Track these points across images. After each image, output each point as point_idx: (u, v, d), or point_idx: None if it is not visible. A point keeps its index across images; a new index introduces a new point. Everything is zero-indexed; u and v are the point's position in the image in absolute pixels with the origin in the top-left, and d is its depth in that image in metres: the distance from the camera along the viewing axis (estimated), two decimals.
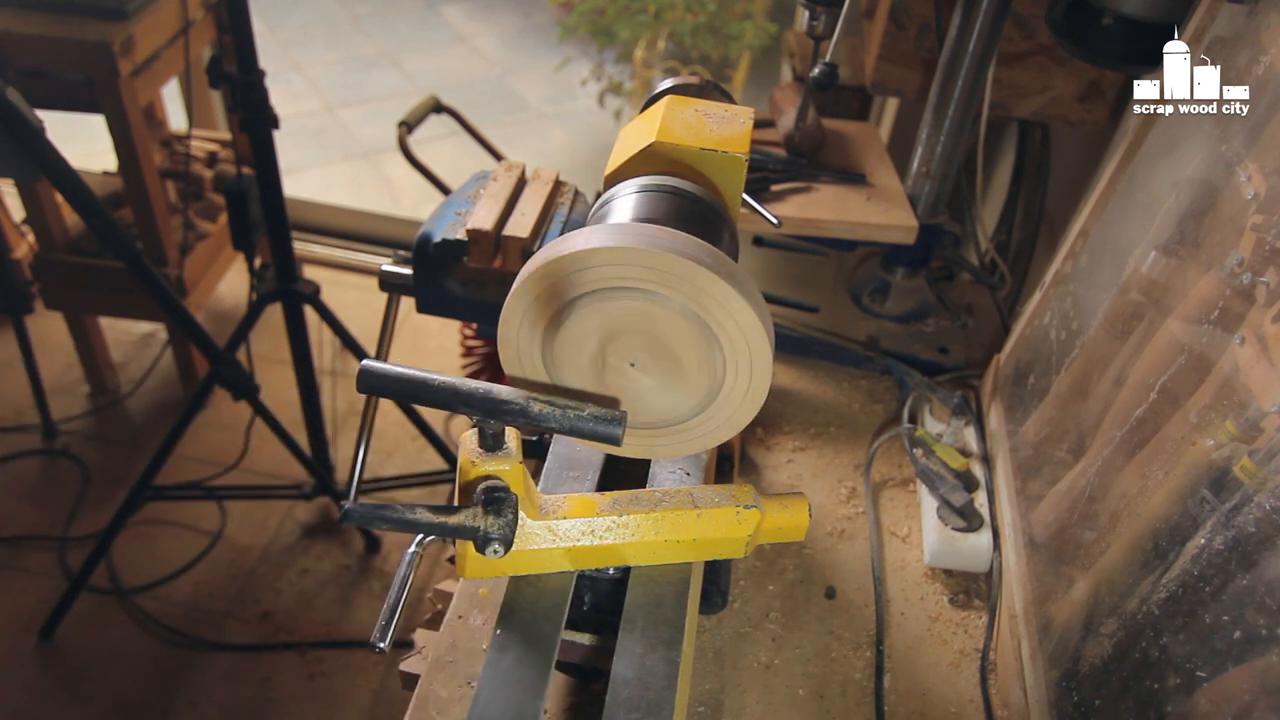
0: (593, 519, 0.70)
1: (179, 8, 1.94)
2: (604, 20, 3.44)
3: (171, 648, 1.92)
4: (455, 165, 2.92)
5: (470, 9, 4.67)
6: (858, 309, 1.26)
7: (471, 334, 1.91)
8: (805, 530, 0.74)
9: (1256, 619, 0.54)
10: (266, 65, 1.55)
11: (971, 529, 0.93)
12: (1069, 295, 0.96)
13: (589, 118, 3.88)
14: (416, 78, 4.09)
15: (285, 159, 1.71)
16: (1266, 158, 0.68)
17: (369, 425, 1.76)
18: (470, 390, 0.61)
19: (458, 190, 1.19)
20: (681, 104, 0.77)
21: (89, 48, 1.73)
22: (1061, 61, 1.24)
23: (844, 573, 0.94)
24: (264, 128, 1.59)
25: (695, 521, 0.71)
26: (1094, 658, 0.70)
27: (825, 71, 1.02)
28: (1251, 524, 0.56)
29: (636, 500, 0.71)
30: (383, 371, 0.62)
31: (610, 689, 0.64)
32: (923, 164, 1.17)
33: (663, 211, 0.68)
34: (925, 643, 0.88)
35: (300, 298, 1.83)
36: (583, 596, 0.74)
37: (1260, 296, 0.64)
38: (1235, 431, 0.61)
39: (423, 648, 0.80)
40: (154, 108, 2.38)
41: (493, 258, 1.10)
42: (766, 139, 1.24)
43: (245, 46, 1.50)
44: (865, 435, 1.11)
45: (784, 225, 1.07)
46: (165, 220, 2.05)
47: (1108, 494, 0.76)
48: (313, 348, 1.92)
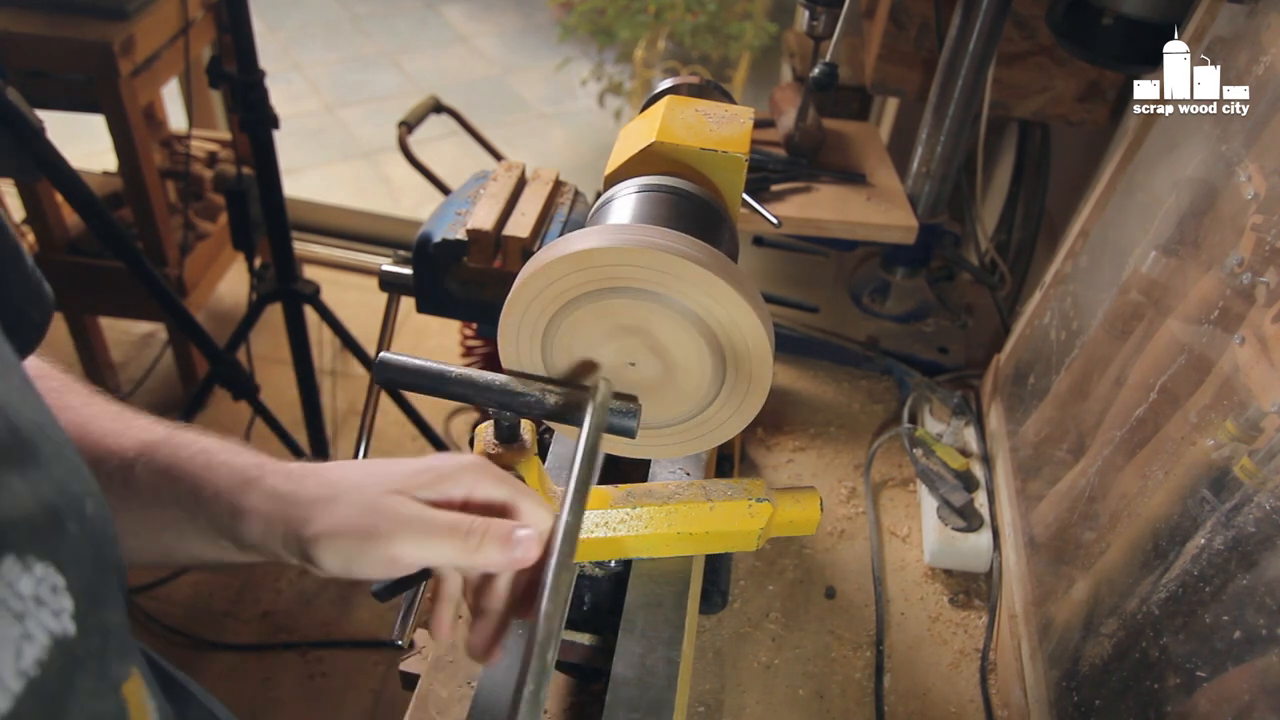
0: (607, 511, 0.71)
1: (179, 8, 1.93)
2: (604, 20, 3.44)
3: (171, 648, 1.92)
4: (455, 165, 2.91)
5: (470, 9, 4.67)
6: (858, 309, 1.26)
7: (471, 334, 1.91)
8: (816, 524, 0.75)
9: (1256, 619, 0.54)
10: (266, 65, 1.55)
11: (971, 529, 0.93)
12: (1069, 295, 0.96)
13: (589, 118, 3.88)
14: (416, 78, 4.09)
15: (285, 159, 1.71)
16: (1266, 158, 0.68)
17: (369, 425, 1.76)
18: (487, 382, 0.62)
19: (458, 190, 1.19)
20: (681, 104, 0.77)
21: (89, 48, 1.72)
22: (1061, 61, 1.24)
23: (844, 573, 0.94)
24: (264, 128, 1.59)
25: (708, 515, 0.71)
26: (1094, 658, 0.70)
27: (825, 71, 1.02)
28: (1251, 524, 0.56)
29: (650, 493, 0.72)
30: (401, 363, 0.62)
31: (610, 689, 0.64)
32: (923, 164, 1.17)
33: (663, 211, 0.68)
34: (925, 643, 0.88)
35: (300, 298, 1.83)
36: (583, 596, 0.74)
37: (1260, 296, 0.64)
38: (1235, 431, 0.61)
39: (423, 648, 0.80)
40: (154, 108, 2.37)
41: (493, 258, 1.10)
42: (766, 139, 1.24)
43: (245, 46, 1.50)
44: (865, 435, 1.11)
45: (784, 225, 1.07)
46: (165, 220, 2.05)
47: (1108, 494, 0.76)
48: (313, 348, 1.92)
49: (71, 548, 0.43)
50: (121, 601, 0.50)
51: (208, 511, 0.55)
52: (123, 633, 0.49)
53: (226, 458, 0.57)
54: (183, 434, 0.59)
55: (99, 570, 0.46)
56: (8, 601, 0.38)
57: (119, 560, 0.50)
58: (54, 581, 0.41)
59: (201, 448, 0.58)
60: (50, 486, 0.43)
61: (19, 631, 0.39)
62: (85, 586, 0.44)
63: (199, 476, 0.56)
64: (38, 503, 0.42)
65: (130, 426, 0.60)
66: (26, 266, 0.58)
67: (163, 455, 0.57)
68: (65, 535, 0.43)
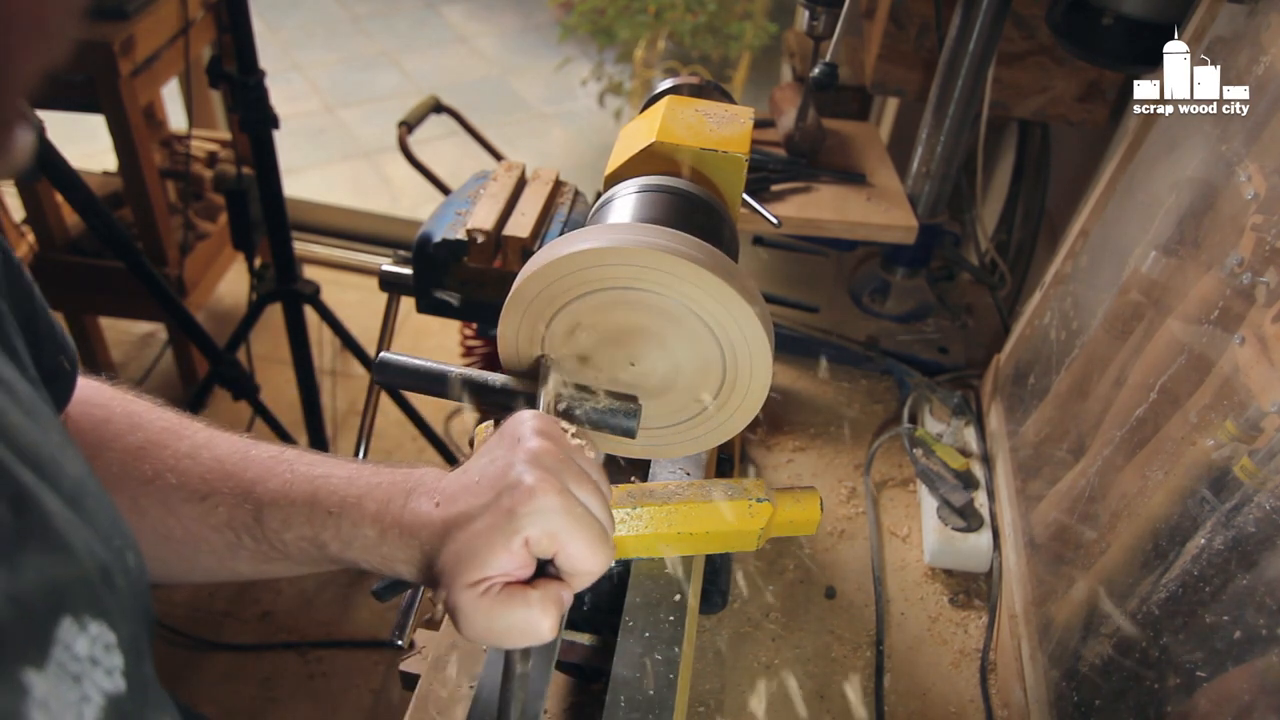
0: None
1: (179, 8, 1.94)
2: (604, 20, 3.44)
3: (171, 648, 1.92)
4: (455, 165, 2.91)
5: (470, 9, 4.67)
6: (858, 309, 1.26)
7: (471, 334, 1.91)
8: (817, 524, 0.75)
9: (1256, 619, 0.54)
10: (266, 65, 1.55)
11: (971, 529, 0.93)
12: (1069, 295, 0.96)
13: (589, 118, 3.88)
14: (416, 78, 4.09)
15: (285, 159, 1.71)
16: (1266, 158, 0.68)
17: (369, 425, 1.76)
18: (487, 382, 0.62)
19: (458, 190, 1.19)
20: (681, 104, 0.77)
21: (89, 48, 1.72)
22: (1061, 61, 1.24)
23: (844, 573, 0.94)
24: (264, 128, 1.59)
25: (708, 515, 0.71)
26: (1094, 658, 0.70)
27: (825, 71, 1.02)
28: (1251, 524, 0.56)
29: (650, 493, 0.72)
30: (401, 364, 0.62)
31: (610, 689, 0.64)
32: (923, 164, 1.17)
33: (663, 211, 0.68)
34: (925, 643, 0.88)
35: (300, 298, 1.83)
36: (583, 596, 0.74)
37: (1260, 296, 0.64)
38: (1235, 431, 0.61)
39: (423, 648, 0.80)
40: (154, 108, 2.37)
41: (493, 258, 1.10)
42: (766, 139, 1.24)
43: (245, 46, 1.50)
44: (865, 435, 1.11)
45: (784, 225, 1.07)
46: (165, 220, 2.05)
47: (1108, 494, 0.76)
48: (313, 348, 1.92)
49: (119, 603, 0.43)
50: (152, 651, 0.50)
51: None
52: (155, 683, 0.48)
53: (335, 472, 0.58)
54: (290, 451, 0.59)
55: (141, 623, 0.46)
56: (66, 665, 0.38)
57: (152, 610, 0.50)
58: (107, 639, 0.41)
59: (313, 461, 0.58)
60: (99, 543, 0.43)
61: (78, 695, 0.38)
62: (131, 641, 0.43)
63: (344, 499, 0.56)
64: (91, 560, 0.41)
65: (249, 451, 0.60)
66: (51, 320, 0.58)
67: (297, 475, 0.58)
68: (114, 591, 0.43)
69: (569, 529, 0.50)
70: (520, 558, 0.49)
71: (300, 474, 0.57)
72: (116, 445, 0.60)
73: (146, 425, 0.61)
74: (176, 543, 0.58)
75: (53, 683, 0.37)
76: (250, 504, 0.57)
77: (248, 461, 0.59)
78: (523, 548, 0.49)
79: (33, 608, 0.37)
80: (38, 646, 0.37)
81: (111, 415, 0.61)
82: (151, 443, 0.60)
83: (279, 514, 0.56)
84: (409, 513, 0.54)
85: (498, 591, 0.49)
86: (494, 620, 0.49)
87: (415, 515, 0.54)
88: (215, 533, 0.58)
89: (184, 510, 0.58)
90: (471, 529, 0.50)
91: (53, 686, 0.37)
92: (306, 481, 0.57)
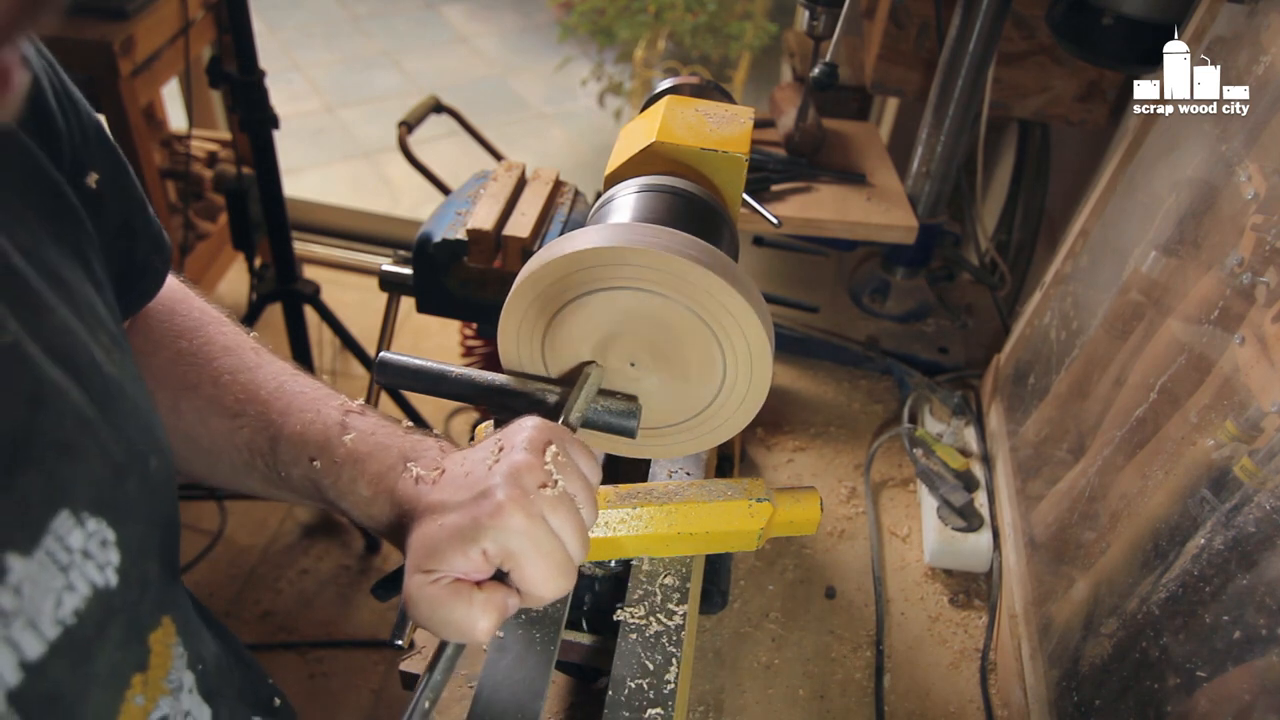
0: (606, 511, 0.71)
1: (179, 8, 1.94)
2: (604, 20, 3.44)
3: None
4: (455, 165, 2.91)
5: (470, 9, 4.67)
6: (858, 309, 1.26)
7: (471, 334, 1.91)
8: (816, 524, 0.75)
9: (1256, 619, 0.54)
10: (266, 65, 1.55)
11: (971, 529, 0.93)
12: (1069, 295, 0.96)
13: (589, 118, 3.88)
14: (416, 78, 4.09)
15: (285, 159, 1.71)
16: (1266, 158, 0.68)
17: None
18: (487, 382, 0.62)
19: (458, 190, 1.19)
20: (681, 104, 0.77)
21: (89, 48, 1.72)
22: (1061, 61, 1.24)
23: (844, 573, 0.94)
24: (264, 128, 1.59)
25: (708, 514, 0.71)
26: (1094, 658, 0.70)
27: (825, 71, 1.02)
28: (1251, 524, 0.56)
29: (650, 493, 0.72)
30: (401, 364, 0.63)
31: (610, 689, 0.64)
32: (923, 164, 1.17)
33: (663, 211, 0.68)
34: (925, 643, 0.88)
35: (300, 298, 1.83)
36: (583, 596, 0.74)
37: (1260, 296, 0.64)
38: (1235, 431, 0.61)
39: (423, 647, 0.80)
40: (154, 108, 2.37)
41: (493, 258, 1.10)
42: (766, 139, 1.24)
43: (245, 46, 1.50)
44: (865, 435, 1.11)
45: (784, 225, 1.07)
46: (165, 220, 2.05)
47: (1108, 494, 0.76)
48: (313, 348, 1.92)
49: (128, 504, 0.45)
50: (168, 551, 0.52)
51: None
52: (162, 582, 0.50)
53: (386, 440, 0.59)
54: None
55: (150, 524, 0.48)
56: (55, 554, 0.40)
57: (173, 513, 0.52)
58: (105, 536, 0.43)
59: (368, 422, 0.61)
60: (120, 446, 0.45)
61: (62, 582, 0.40)
62: (136, 541, 0.45)
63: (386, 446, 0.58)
64: (104, 462, 0.44)
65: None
66: (151, 216, 0.60)
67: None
68: (123, 493, 0.45)
69: (528, 553, 0.50)
70: (475, 563, 0.50)
71: (322, 416, 0.59)
72: (173, 347, 0.63)
73: (205, 335, 0.64)
74: (203, 450, 0.62)
75: (35, 569, 0.39)
76: (270, 434, 0.59)
77: (281, 393, 0.61)
78: (480, 556, 0.50)
79: (28, 498, 0.39)
80: (28, 534, 0.39)
81: (178, 317, 0.64)
82: (203, 353, 0.63)
83: (291, 450, 0.59)
84: (403, 483, 0.56)
85: (447, 584, 0.50)
86: (435, 610, 0.50)
87: (406, 489, 0.55)
88: (235, 450, 0.61)
89: (213, 423, 0.61)
90: (440, 521, 0.51)
91: (34, 572, 0.39)
92: (324, 426, 0.59)
